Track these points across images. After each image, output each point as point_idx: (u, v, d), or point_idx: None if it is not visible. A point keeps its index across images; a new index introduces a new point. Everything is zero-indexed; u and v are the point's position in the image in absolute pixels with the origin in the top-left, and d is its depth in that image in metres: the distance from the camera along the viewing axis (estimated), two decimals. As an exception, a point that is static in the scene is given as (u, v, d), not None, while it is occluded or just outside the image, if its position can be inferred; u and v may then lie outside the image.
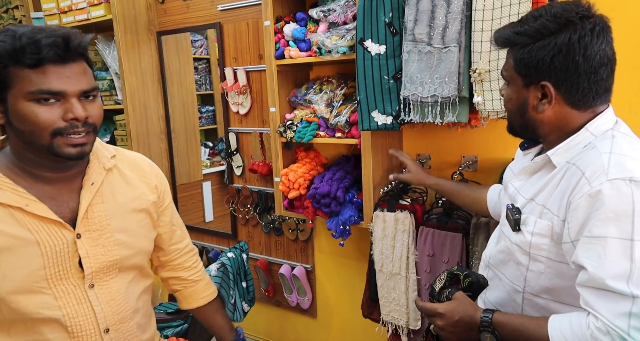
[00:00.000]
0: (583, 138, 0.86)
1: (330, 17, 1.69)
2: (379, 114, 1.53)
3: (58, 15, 2.60)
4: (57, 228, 0.87)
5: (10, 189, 0.84)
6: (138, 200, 1.00)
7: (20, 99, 0.80)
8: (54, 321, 0.87)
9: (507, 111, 0.96)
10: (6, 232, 0.82)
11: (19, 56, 0.78)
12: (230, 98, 2.33)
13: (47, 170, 0.87)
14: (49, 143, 0.82)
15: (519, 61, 0.87)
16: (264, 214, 2.36)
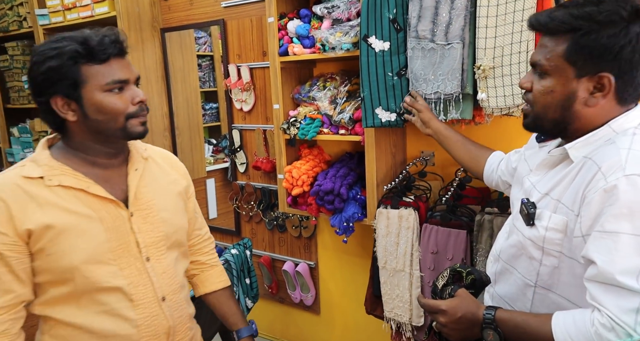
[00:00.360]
0: (604, 135, 0.83)
1: (334, 14, 1.69)
2: (382, 111, 1.53)
3: (62, 12, 2.61)
4: (113, 207, 0.98)
5: (71, 174, 0.95)
6: (173, 184, 1.13)
7: (96, 92, 0.92)
8: (119, 289, 0.97)
9: (541, 105, 0.87)
10: (73, 210, 0.94)
11: (92, 55, 0.90)
12: (234, 95, 2.33)
13: (104, 156, 1.00)
14: (124, 125, 0.95)
15: (577, 49, 0.79)
16: (267, 211, 2.36)
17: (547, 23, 0.82)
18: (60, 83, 0.91)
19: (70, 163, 0.97)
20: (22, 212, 0.90)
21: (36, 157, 0.97)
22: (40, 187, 0.93)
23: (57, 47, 0.90)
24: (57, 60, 0.89)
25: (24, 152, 3.23)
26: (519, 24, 1.27)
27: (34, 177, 0.93)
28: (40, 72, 0.91)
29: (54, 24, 2.69)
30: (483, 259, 1.49)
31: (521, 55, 1.28)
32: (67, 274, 0.93)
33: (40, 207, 0.91)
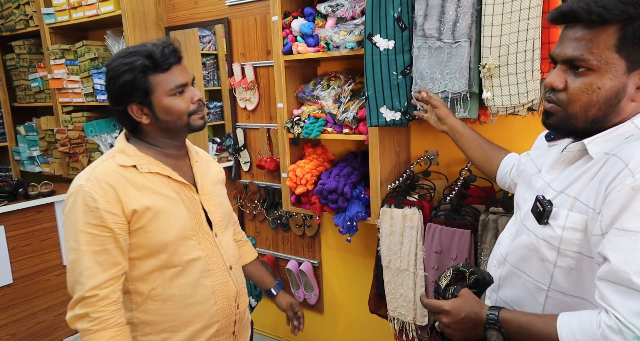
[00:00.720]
0: (626, 130, 0.78)
1: (338, 12, 1.68)
2: (387, 110, 1.52)
3: (68, 11, 2.62)
4: (189, 191, 1.16)
5: (155, 163, 1.12)
6: (218, 175, 1.32)
7: (163, 97, 1.08)
8: (200, 260, 1.14)
9: (582, 104, 0.79)
10: (164, 194, 1.11)
11: (157, 65, 1.06)
12: (238, 94, 2.33)
13: (173, 148, 1.17)
14: (187, 122, 1.12)
15: (634, 38, 0.72)
16: (271, 210, 2.36)
17: (600, 12, 0.73)
18: (134, 93, 1.07)
19: (150, 153, 1.13)
20: (126, 196, 1.05)
21: (124, 149, 1.11)
22: (134, 173, 1.08)
23: (128, 63, 1.05)
24: (130, 74, 1.05)
25: (30, 150, 3.25)
26: (525, 22, 1.25)
27: (127, 165, 1.08)
28: (117, 85, 1.07)
29: (59, 22, 2.70)
30: (487, 259, 1.48)
31: (527, 54, 1.26)
32: (161, 248, 1.09)
33: (138, 190, 1.07)
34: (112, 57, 1.10)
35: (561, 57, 0.80)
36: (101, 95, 2.66)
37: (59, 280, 2.71)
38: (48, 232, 2.66)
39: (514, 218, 1.04)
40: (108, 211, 1.03)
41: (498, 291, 0.99)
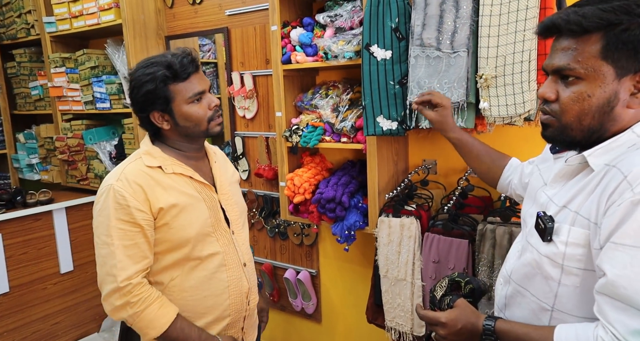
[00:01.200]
0: (627, 140, 0.76)
1: (336, 22, 1.70)
2: (384, 119, 1.53)
3: (69, 19, 2.64)
4: (209, 190, 1.24)
5: (178, 164, 1.20)
6: (234, 175, 1.40)
7: (183, 105, 1.15)
8: (218, 255, 1.22)
9: (575, 114, 0.78)
10: (188, 193, 1.18)
11: (177, 75, 1.13)
12: (237, 103, 2.34)
13: (193, 151, 1.25)
14: (207, 127, 1.20)
15: (620, 45, 0.72)
16: (269, 218, 2.36)
17: (579, 21, 0.73)
18: (156, 102, 1.14)
19: (173, 155, 1.21)
20: (153, 194, 1.13)
21: (150, 151, 1.19)
22: (160, 174, 1.16)
23: (149, 73, 1.12)
24: (152, 84, 1.12)
25: (29, 158, 3.25)
26: (521, 34, 1.27)
27: (154, 166, 1.16)
28: (140, 94, 1.14)
29: (60, 31, 2.72)
30: (485, 269, 1.47)
31: (523, 65, 1.27)
32: (183, 243, 1.16)
33: (165, 190, 1.15)
34: (135, 68, 1.17)
35: (550, 67, 0.80)
36: (101, 104, 2.67)
37: (56, 288, 2.69)
38: (45, 240, 2.65)
39: (521, 234, 1.00)
40: (138, 208, 1.10)
41: (505, 310, 0.96)
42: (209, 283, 1.21)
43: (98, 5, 2.47)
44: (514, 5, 1.28)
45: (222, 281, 1.22)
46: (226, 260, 1.23)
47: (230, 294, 1.24)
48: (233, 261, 1.24)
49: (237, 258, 1.26)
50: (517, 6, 1.27)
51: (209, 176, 1.27)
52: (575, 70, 0.76)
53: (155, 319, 1.12)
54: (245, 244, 1.31)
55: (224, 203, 1.26)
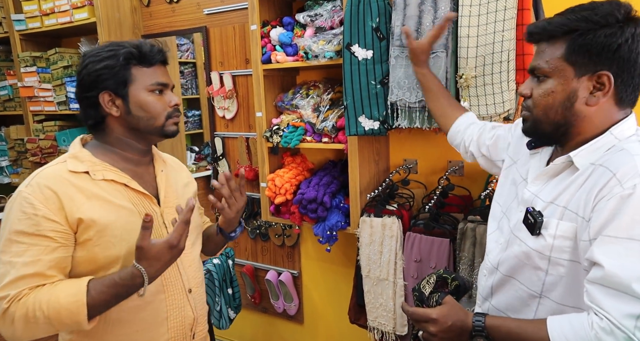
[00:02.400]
0: (607, 142, 0.84)
1: (317, 22, 1.69)
2: (366, 119, 1.53)
3: (40, 17, 2.55)
4: (148, 202, 1.06)
5: (111, 170, 1.03)
6: (188, 185, 1.23)
7: (141, 91, 1.03)
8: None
9: (542, 107, 0.87)
10: (118, 203, 1.01)
11: (143, 59, 1.03)
12: (217, 103, 2.31)
13: (137, 153, 1.09)
14: (163, 124, 1.06)
15: (577, 48, 0.81)
16: (250, 220, 2.33)
17: (545, 27, 0.85)
18: (111, 80, 1.01)
19: (108, 160, 1.05)
20: (71, 202, 0.95)
21: (77, 154, 1.03)
22: (86, 180, 0.99)
23: (113, 49, 1.02)
24: (113, 60, 1.01)
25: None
26: (500, 34, 1.28)
27: (79, 171, 1.00)
28: (94, 69, 1.01)
29: (31, 29, 2.63)
30: (466, 267, 1.49)
31: (502, 65, 1.29)
32: (110, 264, 0.98)
33: (88, 199, 0.97)
34: (94, 47, 1.05)
35: (529, 67, 0.90)
36: (75, 104, 2.59)
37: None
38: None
39: (497, 226, 1.03)
40: (47, 218, 0.93)
41: (491, 299, 1.00)
42: (141, 315, 1.01)
43: (71, 3, 2.40)
44: (492, 6, 1.29)
45: (159, 311, 1.03)
46: (165, 285, 1.04)
47: (170, 327, 1.05)
48: (174, 287, 1.06)
49: (181, 283, 1.08)
50: (495, 7, 1.29)
51: (151, 185, 1.09)
52: (543, 69, 0.86)
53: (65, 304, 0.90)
54: (193, 266, 1.13)
55: (169, 218, 1.08)
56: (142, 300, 1.00)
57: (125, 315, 1.00)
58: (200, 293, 1.16)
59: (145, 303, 1.02)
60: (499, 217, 1.04)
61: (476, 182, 1.67)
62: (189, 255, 1.12)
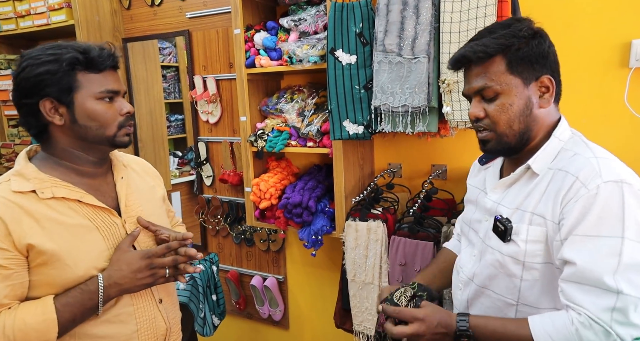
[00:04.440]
0: (555, 145, 0.91)
1: (301, 27, 1.69)
2: (350, 124, 1.54)
3: (15, 19, 2.49)
4: (107, 215, 1.00)
5: (63, 186, 0.95)
6: (153, 190, 1.17)
7: (89, 99, 0.95)
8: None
9: (504, 122, 0.90)
10: (71, 223, 0.94)
11: (90, 64, 0.94)
12: (200, 107, 2.29)
13: (88, 165, 1.01)
14: (115, 134, 0.99)
15: (518, 61, 0.88)
16: (234, 225, 2.31)
17: (485, 50, 0.89)
18: (53, 86, 0.92)
19: (58, 174, 0.97)
20: (19, 227, 0.89)
21: (22, 171, 0.94)
22: (33, 201, 0.92)
23: (55, 54, 0.93)
24: (55, 65, 0.92)
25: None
26: (480, 40, 1.31)
27: (24, 191, 0.92)
28: (33, 74, 0.92)
29: (5, 31, 2.56)
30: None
31: (483, 70, 1.31)
32: (71, 286, 0.93)
33: (37, 222, 0.91)
34: (34, 49, 0.95)
35: (472, 91, 0.93)
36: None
37: None
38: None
39: (468, 242, 1.07)
40: None
41: (468, 311, 1.02)
42: (109, 330, 0.97)
43: (47, 5, 2.34)
44: (473, 13, 1.32)
45: (129, 324, 1.00)
46: (133, 298, 1.01)
47: (142, 339, 1.02)
48: (143, 298, 1.03)
49: (150, 294, 1.05)
50: (475, 14, 1.31)
51: (110, 196, 1.03)
52: (493, 87, 0.90)
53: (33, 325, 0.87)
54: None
55: (132, 227, 1.03)
56: (110, 314, 0.97)
57: (93, 330, 0.96)
58: (172, 302, 1.13)
59: (113, 316, 0.98)
60: (466, 231, 1.08)
61: (459, 186, 1.69)
62: None
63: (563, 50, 1.44)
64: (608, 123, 1.47)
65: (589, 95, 1.47)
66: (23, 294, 0.92)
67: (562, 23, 1.47)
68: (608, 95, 1.45)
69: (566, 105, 1.46)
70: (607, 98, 1.46)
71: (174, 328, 1.11)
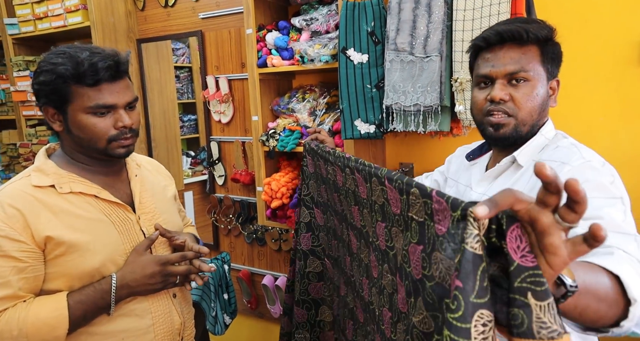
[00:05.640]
0: (540, 141, 0.94)
1: (312, 26, 1.69)
2: (362, 123, 1.53)
3: (33, 21, 2.54)
4: (122, 211, 1.03)
5: (79, 181, 0.99)
6: (166, 189, 1.20)
7: (79, 112, 0.95)
8: None
9: (528, 110, 0.90)
10: (88, 216, 0.97)
11: (81, 78, 0.92)
12: (212, 107, 2.30)
13: (100, 165, 1.04)
14: (105, 147, 0.99)
15: (549, 55, 0.90)
16: (246, 224, 2.32)
17: (527, 33, 0.87)
18: (50, 96, 0.95)
19: (75, 170, 1.00)
20: (37, 220, 0.92)
21: (41, 167, 0.98)
22: (52, 195, 0.95)
23: (53, 63, 0.94)
24: (49, 76, 0.93)
25: (-10, 165, 3.10)
26: (494, 38, 1.29)
27: (44, 185, 0.95)
28: (36, 82, 0.96)
29: (24, 33, 2.62)
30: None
31: (496, 69, 1.30)
32: (85, 276, 0.95)
33: (55, 215, 0.93)
34: (51, 51, 0.98)
35: (502, 73, 0.90)
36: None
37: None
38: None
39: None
40: (10, 238, 0.89)
41: None
42: (126, 323, 0.99)
43: (64, 7, 2.38)
44: (486, 10, 1.31)
45: (145, 319, 1.02)
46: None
47: (157, 334, 1.04)
48: (158, 293, 1.05)
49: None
50: (489, 11, 1.30)
51: (125, 193, 1.06)
52: (527, 73, 0.89)
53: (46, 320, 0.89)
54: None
55: (146, 224, 1.06)
56: (126, 309, 0.99)
57: (109, 325, 0.98)
58: (186, 297, 1.15)
59: (129, 311, 1.00)
60: None
61: (472, 185, 1.67)
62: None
63: (580, 48, 1.43)
64: (626, 122, 1.44)
65: (607, 93, 1.45)
66: (37, 287, 0.94)
67: (579, 20, 1.45)
68: (626, 94, 1.42)
69: (584, 103, 1.44)
70: (625, 97, 1.43)
71: (188, 322, 1.13)
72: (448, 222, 0.50)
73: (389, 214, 0.71)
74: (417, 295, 0.60)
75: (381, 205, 0.74)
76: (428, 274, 0.56)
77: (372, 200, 0.78)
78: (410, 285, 0.63)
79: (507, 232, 0.45)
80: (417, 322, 0.59)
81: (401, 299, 0.68)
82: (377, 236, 0.79)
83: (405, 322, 0.66)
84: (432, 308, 0.55)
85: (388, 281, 0.75)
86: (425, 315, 0.57)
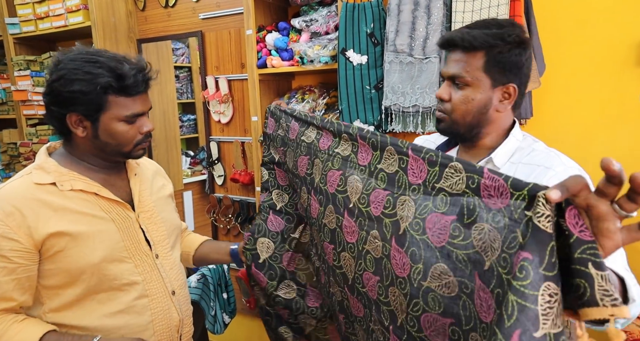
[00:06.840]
0: (513, 142, 0.99)
1: (312, 27, 1.70)
2: (360, 124, 1.54)
3: (34, 21, 2.55)
4: (121, 209, 1.04)
5: (80, 179, 1.00)
6: (164, 188, 1.21)
7: (114, 120, 0.98)
8: (136, 284, 1.03)
9: (461, 112, 0.95)
10: (88, 213, 0.98)
11: (124, 90, 0.96)
12: (212, 107, 2.31)
13: (102, 165, 1.06)
14: (130, 150, 1.03)
15: (494, 63, 0.91)
16: (245, 224, 2.33)
17: (471, 41, 0.91)
18: (83, 105, 0.95)
19: (76, 169, 1.02)
20: (37, 219, 0.92)
21: (43, 165, 0.99)
22: (52, 192, 0.96)
23: (91, 73, 0.93)
24: (89, 86, 0.93)
25: (-10, 164, 3.10)
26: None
27: (45, 183, 0.96)
28: (66, 89, 0.94)
29: (25, 33, 2.62)
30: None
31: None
32: (85, 274, 0.96)
33: (55, 212, 0.94)
34: (73, 54, 0.96)
35: (446, 74, 0.96)
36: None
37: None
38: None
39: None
40: (6, 237, 0.89)
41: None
42: (126, 320, 1.01)
43: (65, 7, 2.39)
44: (484, 13, 1.31)
45: (144, 315, 1.03)
46: (148, 289, 1.04)
47: (156, 330, 1.05)
48: (158, 290, 1.06)
49: (163, 286, 1.07)
50: (487, 14, 1.31)
51: (124, 191, 1.08)
52: (464, 78, 0.93)
53: None
54: (175, 269, 1.13)
55: (145, 222, 1.07)
56: (126, 305, 1.01)
57: (108, 322, 0.99)
58: (184, 295, 1.16)
59: (129, 307, 1.01)
60: None
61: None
62: (169, 257, 1.12)
63: (579, 49, 1.43)
64: (623, 122, 1.45)
65: (605, 94, 1.46)
66: (31, 287, 0.95)
67: (577, 21, 1.46)
68: (623, 94, 1.43)
69: (582, 103, 1.45)
70: (622, 97, 1.44)
71: (186, 320, 1.14)
72: (507, 200, 0.55)
73: (400, 183, 0.74)
74: (432, 262, 0.64)
75: (391, 173, 0.76)
76: (459, 243, 0.60)
77: (377, 167, 0.80)
78: (419, 252, 0.66)
79: (566, 210, 0.49)
80: (435, 287, 0.63)
81: (399, 264, 0.71)
82: (368, 202, 0.80)
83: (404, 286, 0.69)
84: (461, 274, 0.59)
85: (375, 247, 0.77)
86: (451, 281, 0.61)
